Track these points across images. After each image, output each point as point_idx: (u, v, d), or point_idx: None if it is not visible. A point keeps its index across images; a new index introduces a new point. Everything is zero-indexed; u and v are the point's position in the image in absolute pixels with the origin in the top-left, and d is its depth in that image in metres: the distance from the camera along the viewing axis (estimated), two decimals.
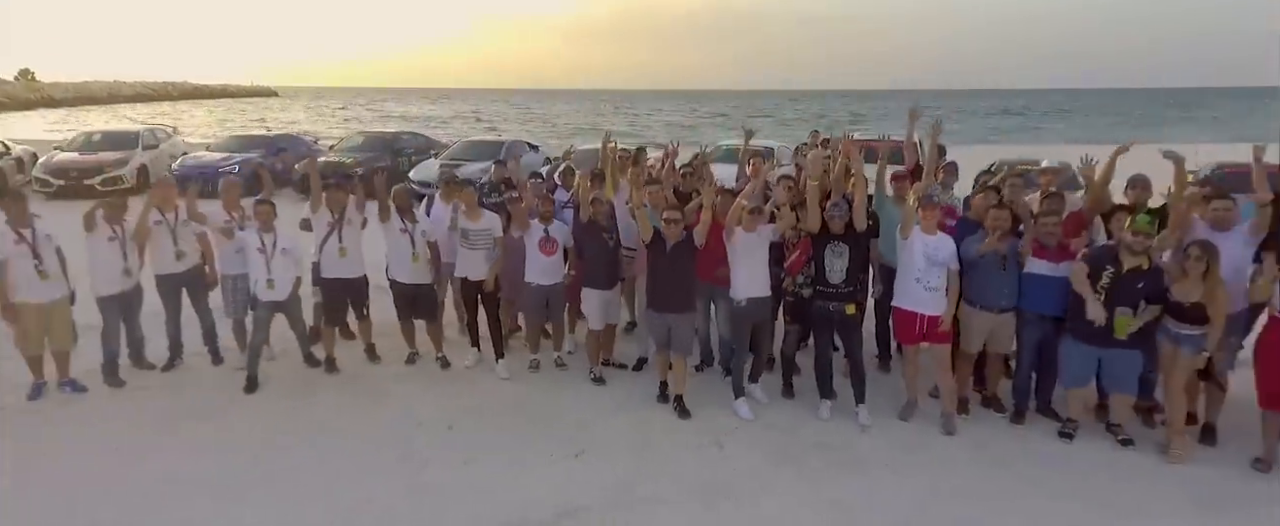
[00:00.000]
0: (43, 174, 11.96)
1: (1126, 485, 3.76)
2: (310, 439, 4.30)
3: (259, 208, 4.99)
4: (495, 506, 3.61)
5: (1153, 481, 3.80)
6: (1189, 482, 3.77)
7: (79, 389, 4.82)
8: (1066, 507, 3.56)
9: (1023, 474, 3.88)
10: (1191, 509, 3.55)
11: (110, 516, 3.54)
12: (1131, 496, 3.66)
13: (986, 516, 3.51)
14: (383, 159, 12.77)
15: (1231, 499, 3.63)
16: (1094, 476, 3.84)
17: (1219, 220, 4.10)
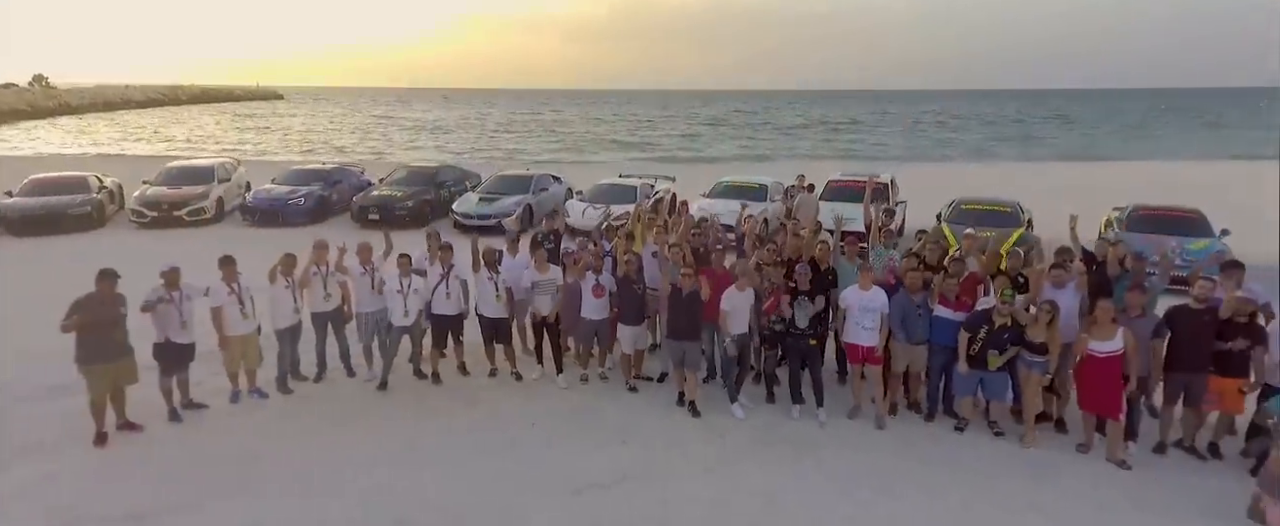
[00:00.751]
0: (138, 206, 13.89)
1: (991, 461, 5.67)
2: (433, 427, 6.23)
3: (400, 260, 6.89)
4: (573, 474, 5.52)
5: (1010, 458, 5.71)
6: (1034, 460, 5.68)
7: (263, 395, 6.74)
8: (951, 475, 5.46)
9: (927, 453, 5.79)
10: (1028, 474, 5.46)
11: (322, 480, 5.44)
12: (992, 468, 5.56)
13: (900, 479, 5.42)
14: (427, 192, 14.71)
15: (1057, 469, 5.54)
16: (974, 456, 5.75)
17: (1057, 280, 6.00)
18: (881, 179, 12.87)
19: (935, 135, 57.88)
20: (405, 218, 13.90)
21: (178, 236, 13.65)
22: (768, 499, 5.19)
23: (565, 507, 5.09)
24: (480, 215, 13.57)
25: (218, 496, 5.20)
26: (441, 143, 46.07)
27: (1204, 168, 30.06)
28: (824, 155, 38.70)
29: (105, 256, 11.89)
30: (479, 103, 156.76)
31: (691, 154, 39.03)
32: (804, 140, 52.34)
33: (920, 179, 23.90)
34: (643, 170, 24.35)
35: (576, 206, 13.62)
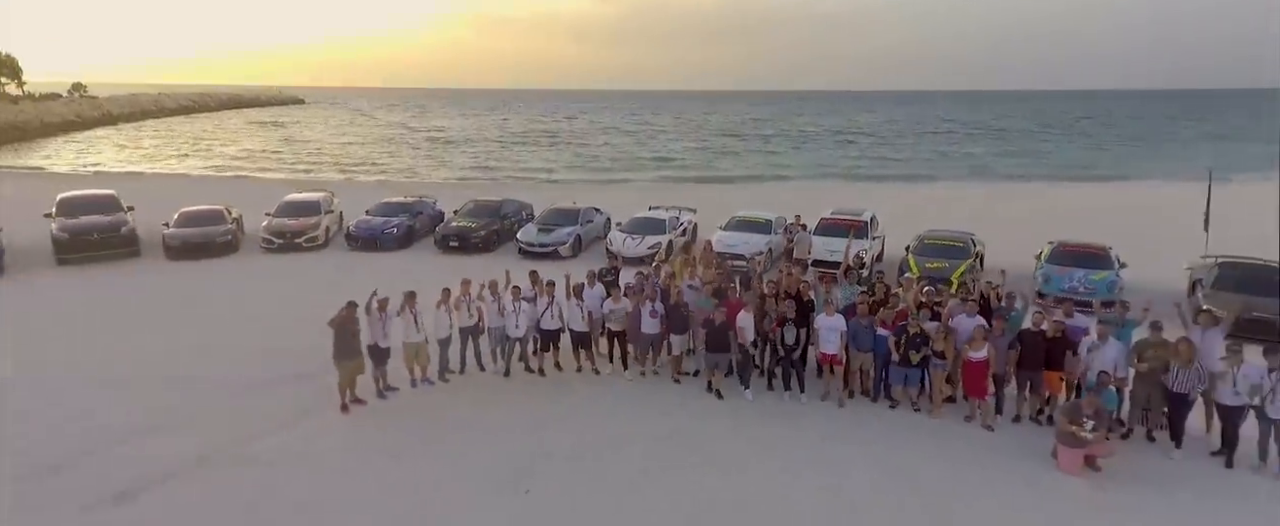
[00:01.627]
0: (266, 234, 17.39)
1: (910, 426, 8.96)
2: (543, 402, 9.59)
3: (513, 290, 10.25)
4: (646, 429, 8.86)
5: (922, 424, 9.00)
6: (937, 426, 8.96)
7: (430, 383, 10.13)
8: (883, 433, 8.75)
9: (869, 421, 9.09)
10: (932, 432, 8.75)
11: (477, 435, 8.80)
12: (910, 430, 8.86)
13: (850, 436, 8.72)
14: (494, 223, 18.14)
15: (950, 431, 8.82)
16: (900, 423, 9.05)
17: (955, 310, 9.28)
18: (861, 219, 16.18)
19: (940, 147, 60.79)
20: (479, 245, 17.35)
21: (299, 259, 17.15)
22: (765, 446, 8.51)
23: (644, 446, 8.44)
24: (540, 243, 16.98)
25: (423, 443, 8.59)
26: (471, 159, 49.58)
27: (1184, 189, 32.92)
28: (831, 173, 41.86)
29: (252, 276, 15.74)
30: (490, 101, 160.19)
31: (709, 172, 42.31)
32: (814, 152, 55.47)
33: (911, 203, 27.21)
34: (666, 193, 27.68)
35: (618, 236, 16.98)
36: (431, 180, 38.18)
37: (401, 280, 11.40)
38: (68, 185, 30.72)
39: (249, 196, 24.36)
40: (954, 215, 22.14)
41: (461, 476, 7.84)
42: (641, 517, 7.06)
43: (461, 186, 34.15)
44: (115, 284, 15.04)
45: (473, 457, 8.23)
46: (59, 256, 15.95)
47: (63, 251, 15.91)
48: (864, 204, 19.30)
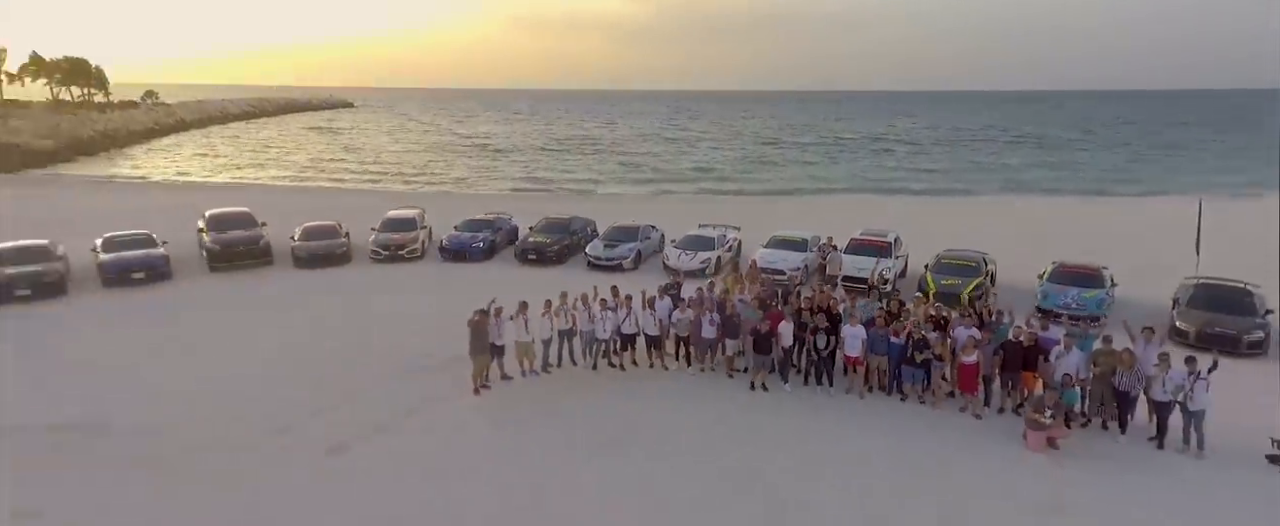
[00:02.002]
0: (375, 247, 20.51)
1: (914, 415, 11.46)
2: (624, 390, 12.32)
3: (602, 301, 13.01)
4: (706, 412, 11.53)
5: (925, 414, 11.49)
6: (936, 416, 11.45)
7: (536, 373, 12.95)
8: (892, 420, 11.27)
9: (883, 412, 11.62)
10: (929, 421, 11.24)
11: (578, 412, 11.56)
12: (914, 418, 11.35)
13: (867, 421, 11.26)
14: (565, 238, 21.00)
15: (947, 419, 11.29)
16: (906, 413, 11.55)
17: (957, 322, 11.74)
18: (886, 240, 18.61)
19: (977, 156, 62.04)
20: (553, 258, 20.23)
21: (401, 268, 20.22)
22: (799, 427, 11.10)
23: (704, 425, 11.10)
24: (606, 257, 19.77)
25: (537, 417, 11.38)
26: (521, 169, 52.78)
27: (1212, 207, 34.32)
28: (866, 187, 43.92)
29: (367, 283, 18.75)
30: (527, 102, 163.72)
31: (750, 183, 44.78)
32: (851, 163, 57.31)
33: (941, 218, 29.30)
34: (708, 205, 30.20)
35: (673, 252, 19.67)
36: (488, 191, 41.39)
37: (488, 288, 14.33)
38: (169, 195, 34.64)
39: (337, 207, 27.68)
40: (980, 231, 24.42)
41: (568, 443, 10.60)
42: (704, 477, 9.73)
43: (517, 197, 37.29)
44: (260, 288, 18.26)
45: (574, 430, 10.99)
46: (211, 265, 19.25)
47: (215, 261, 19.21)
48: (896, 220, 21.68)
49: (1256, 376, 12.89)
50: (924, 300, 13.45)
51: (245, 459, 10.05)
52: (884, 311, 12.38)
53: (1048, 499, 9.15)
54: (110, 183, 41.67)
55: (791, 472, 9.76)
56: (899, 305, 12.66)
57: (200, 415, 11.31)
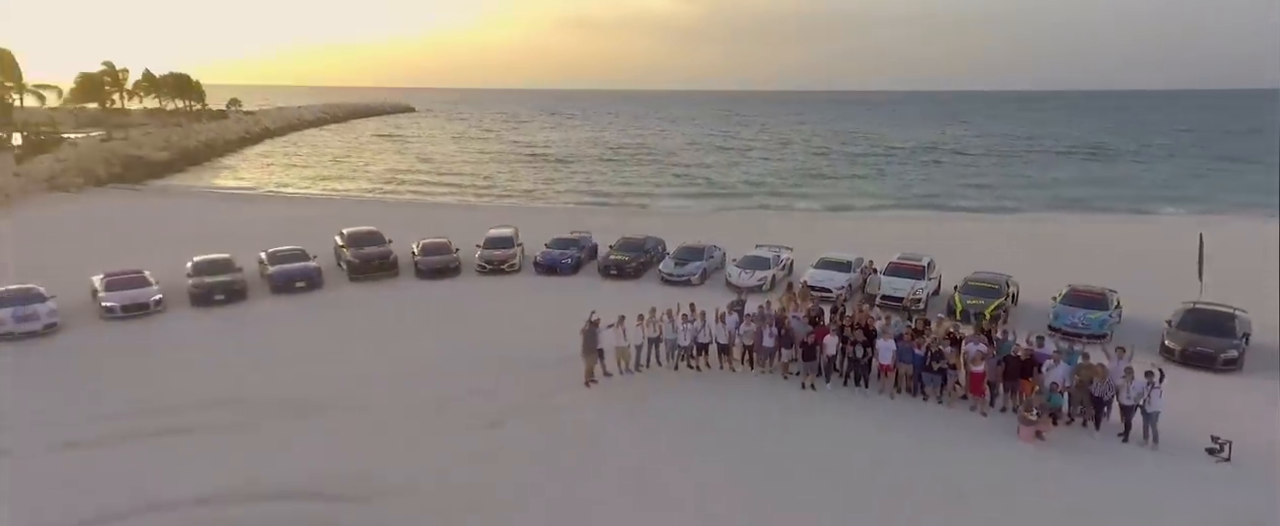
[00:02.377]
0: (481, 262, 24.38)
1: (934, 413, 14.56)
2: (701, 387, 15.73)
3: (683, 315, 16.46)
4: (766, 405, 14.85)
5: (943, 413, 14.57)
6: (950, 414, 14.51)
7: (631, 372, 16.46)
8: (916, 417, 14.40)
9: (908, 409, 14.74)
10: (944, 418, 14.32)
11: (669, 404, 15.02)
12: (935, 416, 14.46)
13: (894, 416, 14.42)
14: (641, 257, 24.51)
15: (959, 416, 14.35)
16: (927, 411, 14.67)
17: (970, 338, 14.80)
18: (921, 263, 21.57)
19: (1028, 170, 63.16)
20: (631, 273, 23.75)
21: (503, 280, 24.02)
22: (840, 419, 14.32)
23: (764, 415, 14.43)
24: (677, 274, 23.21)
25: (637, 402, 14.87)
26: (583, 181, 56.61)
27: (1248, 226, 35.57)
28: (912, 203, 46.23)
29: (477, 293, 22.53)
30: (578, 104, 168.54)
31: (800, 197, 47.71)
32: (898, 176, 59.27)
33: (981, 236, 31.74)
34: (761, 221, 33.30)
35: (734, 270, 22.98)
36: (555, 205, 45.26)
37: (578, 300, 18.03)
38: (283, 208, 39.34)
39: (430, 221, 31.72)
40: (1016, 251, 27.05)
41: (663, 426, 14.04)
42: (765, 452, 13.04)
43: (583, 211, 40.98)
44: (393, 296, 22.28)
45: (666, 416, 14.45)
46: (351, 276, 23.37)
47: (354, 272, 23.32)
48: (939, 239, 24.50)
49: (1224, 389, 15.56)
50: (943, 320, 16.46)
51: (430, 426, 13.80)
52: (911, 328, 15.51)
53: (1032, 476, 12.21)
54: (233, 195, 46.97)
55: (831, 451, 13.02)
56: (924, 323, 15.76)
57: (383, 393, 15.16)
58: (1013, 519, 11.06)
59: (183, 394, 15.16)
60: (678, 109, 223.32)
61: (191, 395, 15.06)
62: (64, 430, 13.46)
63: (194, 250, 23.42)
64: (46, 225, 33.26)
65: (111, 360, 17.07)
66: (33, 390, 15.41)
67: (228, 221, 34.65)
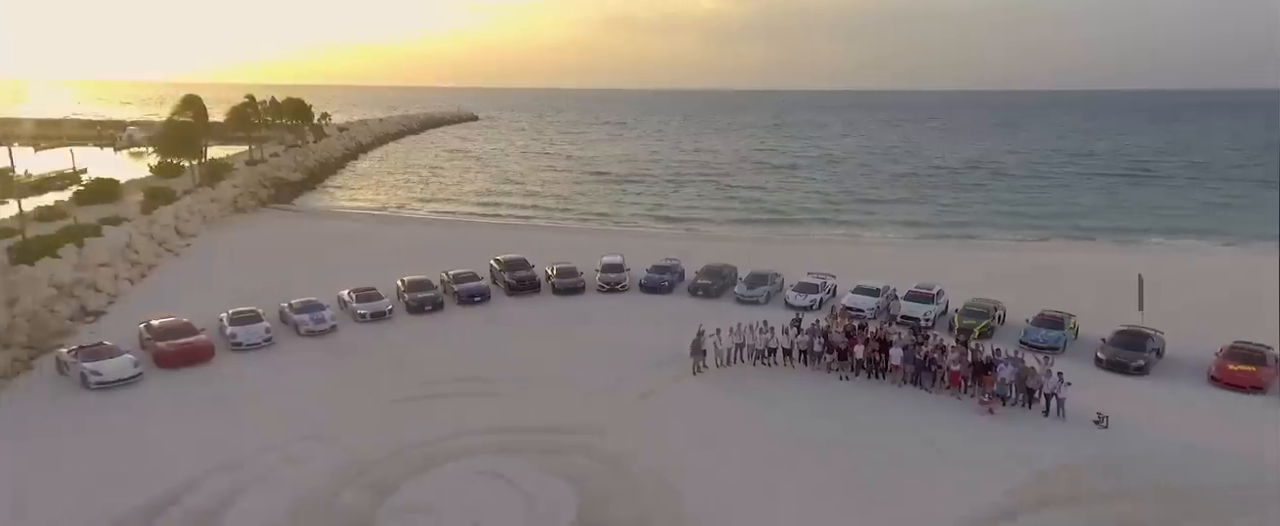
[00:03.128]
0: (601, 282, 32.98)
1: (924, 398, 22.43)
2: (774, 378, 23.95)
3: (758, 327, 24.73)
4: (813, 389, 22.98)
5: (927, 397, 22.48)
6: (937, 400, 22.39)
7: (722, 367, 24.80)
8: (912, 401, 22.34)
9: (908, 395, 22.64)
10: (934, 402, 22.20)
11: (769, 393, 23.27)
12: (923, 400, 22.34)
13: (898, 400, 22.39)
14: (721, 281, 32.80)
15: (942, 401, 22.26)
16: (922, 396, 22.55)
17: (955, 349, 22.70)
18: (932, 292, 29.33)
19: (1054, 197, 68.92)
20: (713, 294, 32.06)
21: (618, 298, 32.55)
22: (863, 397, 22.33)
23: (814, 397, 22.51)
24: (748, 295, 31.39)
25: (732, 387, 23.15)
26: (652, 202, 65.05)
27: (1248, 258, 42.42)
28: (940, 234, 53.14)
29: (600, 307, 31.46)
30: (624, 105, 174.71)
31: (847, 223, 55.40)
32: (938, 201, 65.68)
33: (992, 265, 38.88)
34: (809, 249, 41.14)
35: (792, 294, 31.06)
36: (630, 229, 53.63)
37: (675, 313, 26.37)
38: (410, 229, 48.72)
39: (536, 244, 40.33)
40: (1019, 279, 34.31)
41: (748, 401, 22.24)
42: (814, 413, 21.15)
43: (659, 237, 49.29)
44: (540, 308, 30.99)
45: (751, 395, 22.67)
46: (508, 293, 32.18)
47: (511, 291, 32.09)
48: (957, 266, 32.15)
49: (1134, 386, 23.02)
50: (935, 335, 24.31)
51: (602, 394, 22.31)
52: (915, 340, 23.45)
53: (982, 434, 20.08)
54: (371, 216, 56.92)
55: (857, 417, 21.09)
56: (925, 337, 23.70)
57: (562, 374, 23.71)
58: (965, 452, 18.94)
59: (438, 372, 23.96)
60: (724, 115, 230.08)
61: (446, 373, 23.85)
62: (388, 391, 22.33)
63: (373, 269, 32.62)
64: (250, 242, 43.19)
65: (380, 350, 26.08)
66: (351, 365, 24.46)
67: (382, 242, 44.17)
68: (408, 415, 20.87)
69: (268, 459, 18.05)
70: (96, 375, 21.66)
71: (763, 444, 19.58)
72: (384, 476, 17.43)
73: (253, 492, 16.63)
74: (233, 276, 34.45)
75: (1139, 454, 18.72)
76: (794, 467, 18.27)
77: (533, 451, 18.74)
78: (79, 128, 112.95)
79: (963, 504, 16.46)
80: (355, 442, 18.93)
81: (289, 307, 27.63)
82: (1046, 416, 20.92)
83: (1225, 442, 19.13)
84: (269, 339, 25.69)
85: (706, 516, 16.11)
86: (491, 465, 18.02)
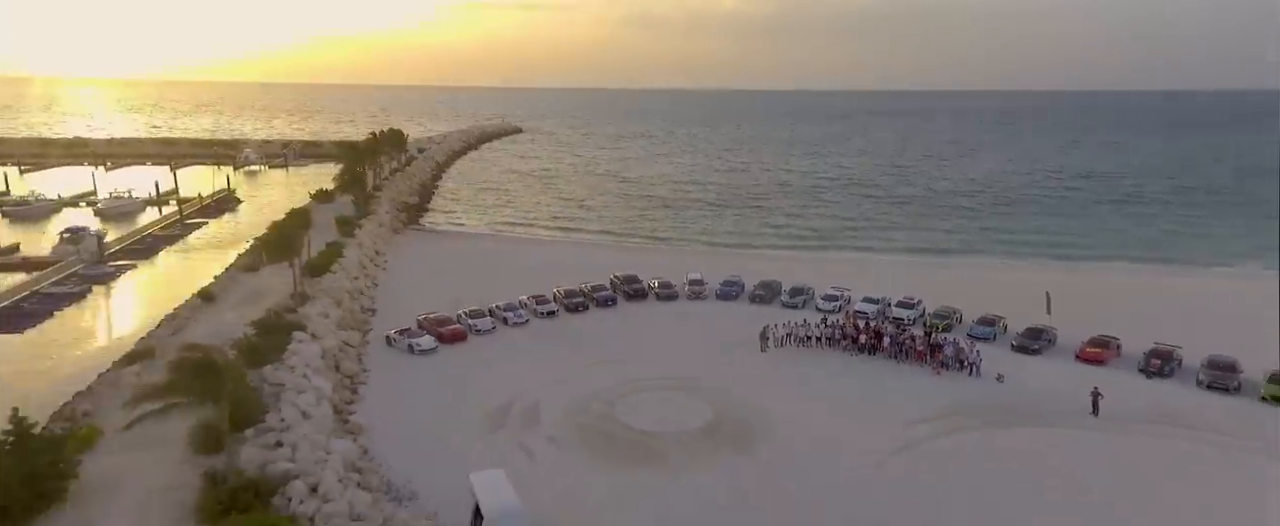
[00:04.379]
0: (689, 293, 48.99)
1: (902, 369, 38.07)
2: (814, 354, 39.72)
3: (802, 323, 40.53)
4: (844, 363, 38.71)
5: (903, 368, 38.12)
6: (908, 369, 38.02)
7: (778, 348, 40.56)
8: (893, 370, 37.91)
9: (891, 366, 38.31)
10: (906, 370, 37.84)
11: (807, 363, 38.99)
12: (902, 369, 37.97)
13: (884, 370, 38.02)
14: (773, 293, 48.59)
15: (911, 370, 37.86)
16: (902, 368, 38.19)
17: (920, 337, 38.33)
18: (914, 301, 44.94)
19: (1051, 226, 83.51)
20: (767, 301, 47.86)
21: (701, 303, 48.47)
22: (864, 367, 37.89)
23: (841, 363, 38.21)
24: (791, 302, 47.11)
25: (789, 360, 38.90)
26: (707, 224, 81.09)
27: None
28: (939, 251, 68.61)
29: (690, 311, 48.74)
30: (653, 108, 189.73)
31: (853, 255, 71.04)
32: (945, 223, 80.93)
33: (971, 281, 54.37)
34: (840, 267, 56.95)
35: (820, 302, 46.80)
36: (694, 249, 69.44)
37: (741, 314, 42.56)
38: (528, 248, 65.04)
39: (614, 263, 56.11)
40: (982, 292, 49.67)
41: (798, 367, 37.96)
42: (847, 374, 36.80)
43: (713, 255, 65.08)
44: (649, 311, 46.91)
45: (797, 363, 38.43)
46: (626, 299, 48.13)
47: (628, 298, 48.09)
48: (942, 282, 47.91)
49: (1031, 361, 38.37)
50: (908, 329, 39.97)
51: (720, 357, 38.12)
52: (896, 332, 39.11)
53: (930, 384, 35.64)
54: (490, 236, 73.53)
55: (859, 374, 36.71)
56: (902, 330, 39.42)
57: (682, 350, 39.55)
58: (918, 393, 34.44)
59: (600, 348, 39.87)
60: (748, 126, 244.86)
61: (605, 348, 39.76)
62: (580, 359, 38.22)
63: (519, 280, 48.71)
64: (421, 259, 59.60)
65: (559, 335, 42.07)
66: (548, 344, 40.48)
67: (513, 258, 60.47)
68: (599, 370, 36.73)
69: (544, 388, 34.05)
70: (418, 346, 37.86)
71: (803, 386, 35.30)
72: (608, 397, 33.37)
73: (545, 403, 32.62)
74: (428, 285, 50.69)
75: (1011, 393, 34.23)
76: (821, 398, 33.98)
77: (678, 388, 34.58)
78: (191, 147, 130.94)
79: (912, 414, 32.05)
80: (582, 382, 34.88)
81: (497, 308, 43.73)
82: (970, 376, 36.43)
83: (1063, 386, 34.57)
84: (493, 327, 41.79)
85: (778, 415, 31.80)
86: (659, 393, 33.90)
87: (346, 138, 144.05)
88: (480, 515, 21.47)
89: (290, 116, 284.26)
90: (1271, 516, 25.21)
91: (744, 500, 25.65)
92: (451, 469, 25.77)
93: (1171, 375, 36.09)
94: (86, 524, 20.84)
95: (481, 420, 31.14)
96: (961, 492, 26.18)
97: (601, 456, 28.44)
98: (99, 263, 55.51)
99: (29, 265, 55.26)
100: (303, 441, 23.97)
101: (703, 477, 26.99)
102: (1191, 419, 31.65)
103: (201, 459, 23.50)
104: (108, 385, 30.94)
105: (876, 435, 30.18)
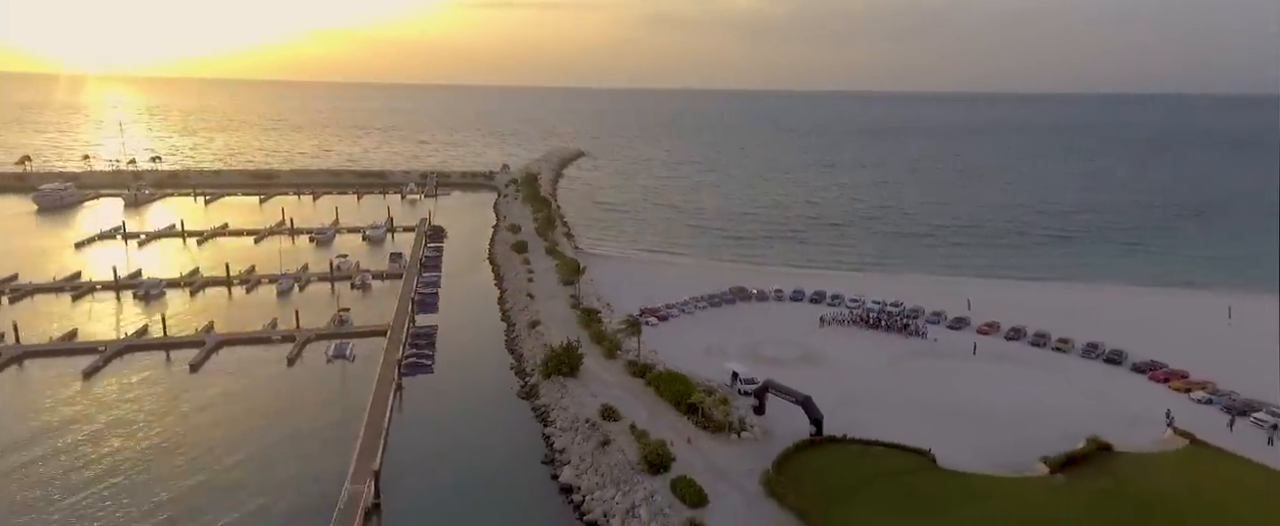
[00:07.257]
0: (774, 295, 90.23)
1: (898, 340, 78.94)
2: (852, 330, 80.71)
3: (845, 314, 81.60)
4: (866, 334, 79.54)
5: (895, 339, 78.89)
6: (896, 339, 78.85)
7: (828, 327, 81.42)
8: (896, 339, 78.73)
9: (889, 336, 79.10)
10: (899, 338, 78.66)
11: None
12: (903, 339, 78.73)
13: (886, 340, 78.80)
14: (823, 298, 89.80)
15: (901, 338, 78.68)
16: (897, 339, 78.96)
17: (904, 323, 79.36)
18: (910, 306, 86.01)
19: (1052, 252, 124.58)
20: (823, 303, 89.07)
21: (783, 303, 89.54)
22: (877, 337, 78.66)
23: (862, 337, 78.97)
24: (849, 307, 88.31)
25: (835, 330, 79.77)
26: (759, 253, 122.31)
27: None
28: (950, 272, 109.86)
29: (776, 308, 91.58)
30: (674, 111, 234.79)
31: (879, 275, 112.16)
32: (966, 247, 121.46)
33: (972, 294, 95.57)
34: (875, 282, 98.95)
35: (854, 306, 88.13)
36: (761, 266, 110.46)
37: (807, 310, 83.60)
38: (651, 268, 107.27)
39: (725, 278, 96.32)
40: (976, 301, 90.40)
41: (845, 338, 78.67)
42: (864, 341, 77.72)
43: (776, 272, 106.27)
44: (755, 308, 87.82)
45: (843, 335, 79.24)
46: (740, 301, 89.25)
47: (741, 300, 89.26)
48: (947, 294, 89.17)
49: (955, 333, 78.94)
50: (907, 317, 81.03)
51: (794, 333, 78.97)
52: (888, 318, 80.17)
53: (901, 343, 76.44)
54: (618, 258, 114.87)
55: (877, 341, 77.38)
56: (890, 317, 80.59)
57: (771, 328, 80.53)
58: (893, 347, 75.12)
59: (734, 328, 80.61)
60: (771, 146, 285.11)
61: (736, 329, 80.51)
62: (734, 336, 78.86)
63: (665, 288, 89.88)
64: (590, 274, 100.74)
65: (713, 321, 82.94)
66: (709, 327, 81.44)
67: (651, 274, 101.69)
68: (740, 334, 77.70)
69: (720, 340, 75.27)
70: (650, 321, 79.21)
71: (842, 342, 76.17)
72: (750, 343, 74.62)
73: (730, 345, 73.97)
74: (615, 290, 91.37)
75: (939, 346, 75.41)
76: (850, 347, 74.91)
77: (783, 342, 75.62)
78: (356, 178, 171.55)
79: (894, 352, 73.24)
80: (734, 338, 76.08)
81: (672, 304, 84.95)
82: (921, 339, 77.40)
83: (965, 344, 75.51)
84: (678, 314, 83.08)
85: (830, 353, 72.59)
86: (774, 343, 75.03)
87: (441, 159, 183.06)
88: (736, 375, 62.72)
89: (374, 134, 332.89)
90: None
91: (821, 384, 66.22)
92: (705, 366, 66.80)
93: (1027, 341, 76.97)
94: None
95: (701, 351, 72.23)
96: (913, 380, 66.70)
97: (753, 365, 69.09)
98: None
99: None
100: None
101: (804, 373, 67.61)
102: (1018, 356, 72.62)
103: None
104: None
105: (877, 360, 71.05)
